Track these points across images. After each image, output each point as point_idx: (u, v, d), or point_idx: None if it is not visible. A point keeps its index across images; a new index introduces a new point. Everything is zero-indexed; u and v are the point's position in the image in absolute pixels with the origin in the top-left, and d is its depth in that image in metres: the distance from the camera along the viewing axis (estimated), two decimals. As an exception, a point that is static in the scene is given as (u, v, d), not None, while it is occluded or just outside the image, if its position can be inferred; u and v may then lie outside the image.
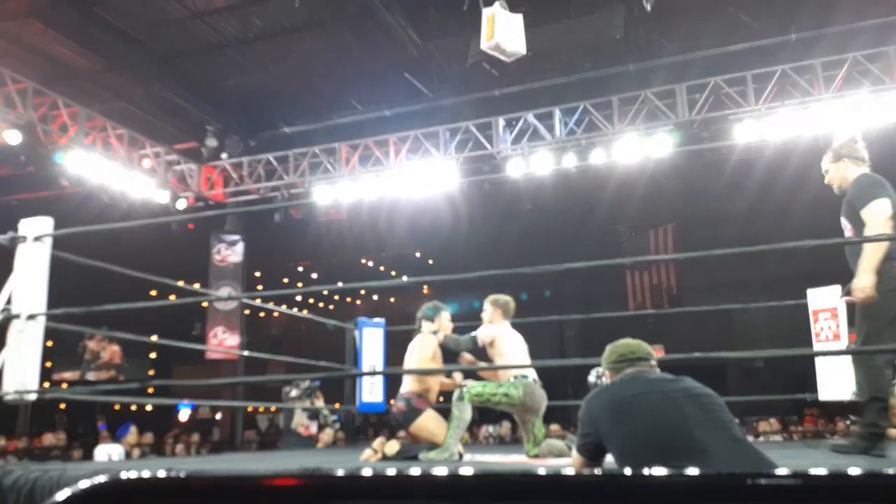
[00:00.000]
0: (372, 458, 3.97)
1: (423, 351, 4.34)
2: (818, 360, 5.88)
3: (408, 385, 4.28)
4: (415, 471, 0.72)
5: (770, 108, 8.39)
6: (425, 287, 14.07)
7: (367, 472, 0.72)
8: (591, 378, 4.99)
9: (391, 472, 0.73)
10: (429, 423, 4.13)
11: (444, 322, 4.50)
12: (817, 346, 5.71)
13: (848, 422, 6.83)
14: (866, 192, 3.19)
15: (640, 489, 0.71)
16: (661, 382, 2.31)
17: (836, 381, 5.79)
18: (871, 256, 3.07)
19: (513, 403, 4.10)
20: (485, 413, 10.83)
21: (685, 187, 9.82)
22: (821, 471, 0.68)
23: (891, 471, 0.68)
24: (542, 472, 0.72)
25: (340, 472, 0.74)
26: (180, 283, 5.74)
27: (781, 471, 0.73)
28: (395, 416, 4.31)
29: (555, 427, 9.75)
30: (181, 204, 10.51)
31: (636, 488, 0.71)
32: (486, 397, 4.08)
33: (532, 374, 4.23)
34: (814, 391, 6.09)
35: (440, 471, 0.73)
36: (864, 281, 3.07)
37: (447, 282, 9.48)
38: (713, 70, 8.65)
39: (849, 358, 5.73)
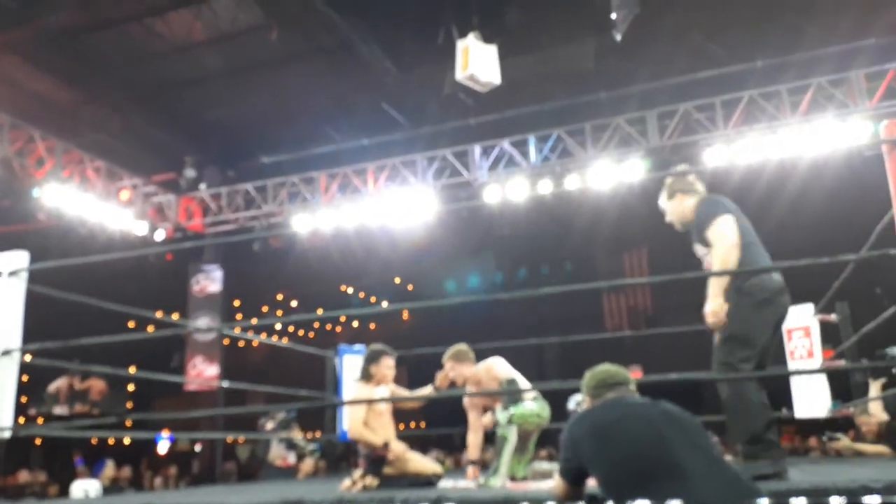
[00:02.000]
0: (352, 489, 3.97)
1: (352, 409, 4.22)
2: (793, 378, 6.00)
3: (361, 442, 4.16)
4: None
5: (738, 133, 8.60)
6: (405, 312, 14.09)
7: None
8: (571, 405, 5.05)
9: None
10: (404, 461, 4.08)
11: (384, 369, 4.29)
12: (791, 364, 5.83)
13: (825, 437, 6.94)
14: (708, 213, 3.24)
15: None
16: (640, 407, 2.36)
17: (811, 398, 5.91)
18: (716, 279, 3.09)
19: (541, 423, 4.12)
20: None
21: (658, 211, 9.96)
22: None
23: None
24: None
25: None
26: (158, 315, 5.73)
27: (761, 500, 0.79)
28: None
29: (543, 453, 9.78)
30: (159, 235, 10.47)
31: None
32: (526, 418, 4.07)
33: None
34: (790, 408, 6.20)
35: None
36: (714, 305, 3.09)
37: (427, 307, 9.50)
38: (682, 97, 8.85)
39: (823, 375, 5.86)
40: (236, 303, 13.75)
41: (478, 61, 6.80)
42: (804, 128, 8.31)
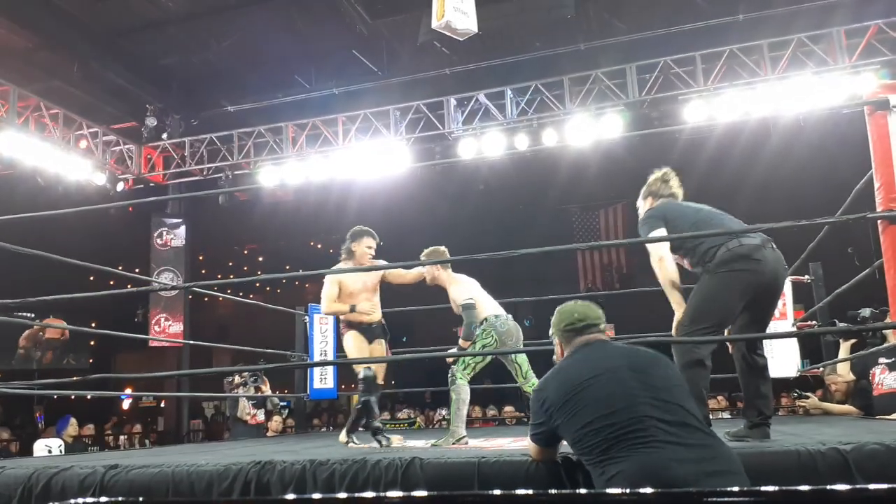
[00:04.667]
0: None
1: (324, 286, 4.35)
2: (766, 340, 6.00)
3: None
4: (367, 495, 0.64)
5: (718, 89, 8.46)
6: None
7: (315, 496, 0.64)
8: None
9: (342, 495, 0.65)
10: (348, 343, 4.34)
11: (363, 248, 4.48)
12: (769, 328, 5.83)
13: (794, 394, 7.03)
14: (644, 227, 3.32)
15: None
16: (611, 360, 2.25)
17: (782, 358, 5.93)
18: (668, 292, 3.16)
19: (494, 348, 4.10)
20: (440, 396, 10.82)
21: (635, 167, 9.85)
22: (770, 488, 0.73)
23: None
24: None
25: (290, 497, 0.66)
26: (119, 269, 5.51)
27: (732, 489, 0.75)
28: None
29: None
30: (120, 186, 10.13)
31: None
32: (474, 366, 4.08)
33: (495, 311, 4.24)
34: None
35: (392, 494, 0.69)
36: (679, 317, 3.13)
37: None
38: (662, 50, 8.66)
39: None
40: (201, 257, 13.45)
41: (454, 8, 6.50)
42: (784, 84, 8.20)
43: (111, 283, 11.57)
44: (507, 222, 11.82)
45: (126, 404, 14.23)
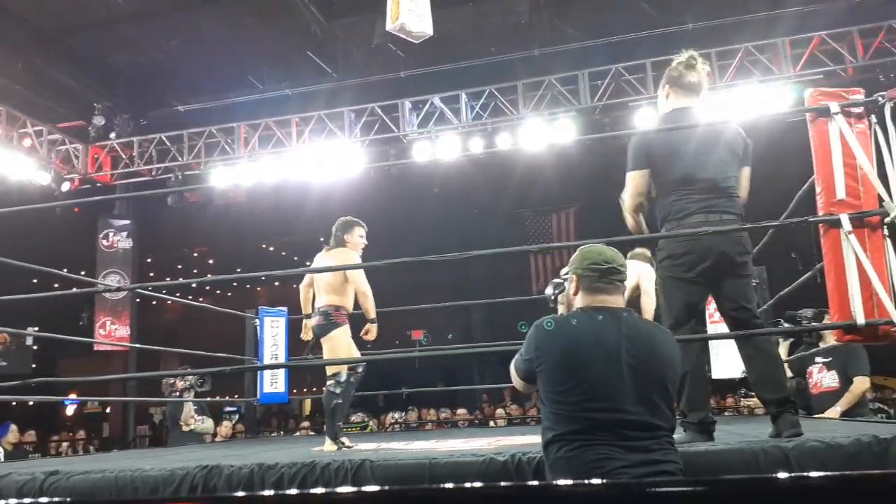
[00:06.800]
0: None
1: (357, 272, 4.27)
2: (712, 340, 6.13)
3: (324, 299, 4.25)
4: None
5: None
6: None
7: (267, 493, 0.62)
8: (549, 290, 4.68)
9: (292, 491, 0.64)
10: (343, 337, 4.17)
11: (356, 238, 4.43)
12: (710, 328, 5.94)
13: (741, 393, 7.24)
14: (628, 157, 3.18)
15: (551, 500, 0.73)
16: (615, 345, 2.16)
17: (728, 359, 6.05)
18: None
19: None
20: (391, 399, 10.78)
21: (587, 171, 10.01)
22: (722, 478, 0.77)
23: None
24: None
25: (240, 494, 0.66)
26: (65, 272, 5.35)
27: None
28: (313, 328, 4.33)
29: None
30: (66, 186, 9.86)
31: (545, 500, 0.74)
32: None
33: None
34: (708, 369, 6.36)
35: (344, 489, 0.68)
36: None
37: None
38: (614, 58, 8.81)
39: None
40: (149, 259, 13.15)
41: (409, 11, 6.49)
42: (732, 92, 8.41)
43: (55, 286, 11.22)
44: (462, 225, 11.84)
45: (70, 410, 13.81)
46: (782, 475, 0.77)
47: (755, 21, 8.59)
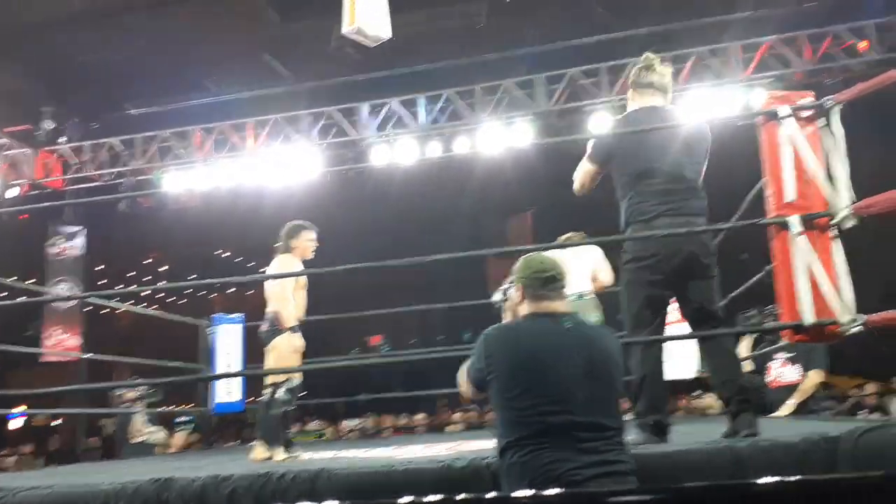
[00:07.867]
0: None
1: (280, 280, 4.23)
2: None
3: (271, 305, 4.17)
4: None
5: (623, 100, 8.71)
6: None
7: None
8: (496, 297, 4.69)
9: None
10: (285, 343, 4.07)
11: (305, 241, 4.34)
12: (668, 330, 6.02)
13: (693, 395, 7.34)
14: (589, 149, 3.38)
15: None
16: (567, 349, 2.20)
17: (680, 360, 6.13)
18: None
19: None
20: (349, 406, 10.67)
21: (544, 175, 10.08)
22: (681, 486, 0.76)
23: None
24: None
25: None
26: (12, 280, 5.20)
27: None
28: (259, 335, 4.25)
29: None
30: (14, 192, 9.59)
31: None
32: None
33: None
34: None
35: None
36: None
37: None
38: (570, 61, 8.88)
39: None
40: (100, 267, 12.83)
41: (366, 14, 6.45)
42: (684, 96, 8.54)
43: (3, 294, 10.88)
44: (422, 229, 11.81)
45: (14, 424, 13.36)
46: (739, 481, 0.78)
47: (707, 26, 8.75)
